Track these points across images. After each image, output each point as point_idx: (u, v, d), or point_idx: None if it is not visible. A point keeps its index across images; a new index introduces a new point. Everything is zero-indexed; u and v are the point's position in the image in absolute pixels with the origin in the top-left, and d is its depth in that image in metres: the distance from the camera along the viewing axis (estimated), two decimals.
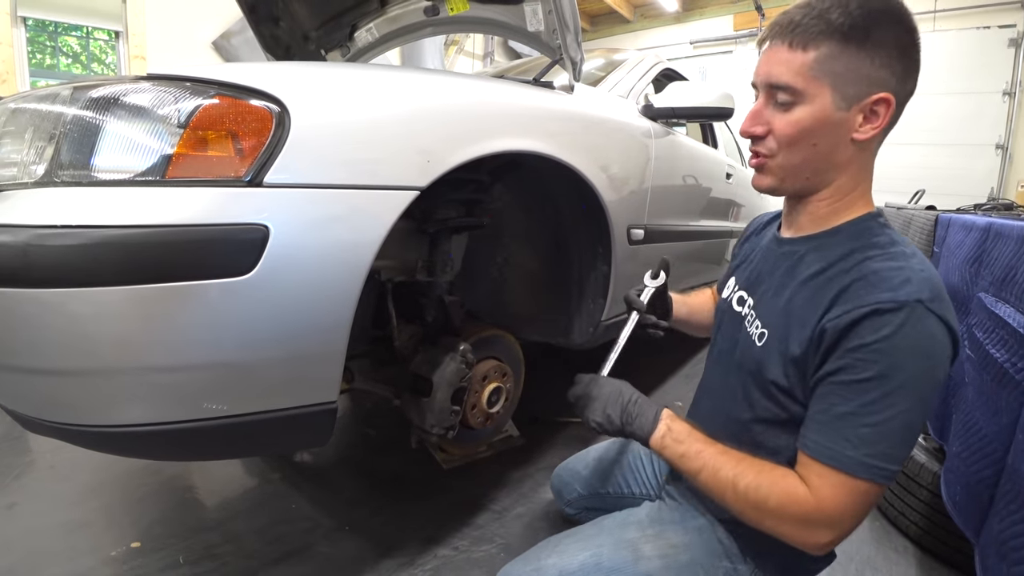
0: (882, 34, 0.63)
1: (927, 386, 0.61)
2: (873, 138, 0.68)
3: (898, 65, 0.64)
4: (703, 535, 0.82)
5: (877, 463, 0.61)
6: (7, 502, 1.32)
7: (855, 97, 0.65)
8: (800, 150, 0.70)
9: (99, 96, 0.69)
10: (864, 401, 0.61)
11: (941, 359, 0.61)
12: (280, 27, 1.90)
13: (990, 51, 4.40)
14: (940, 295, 0.61)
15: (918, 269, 0.63)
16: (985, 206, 2.50)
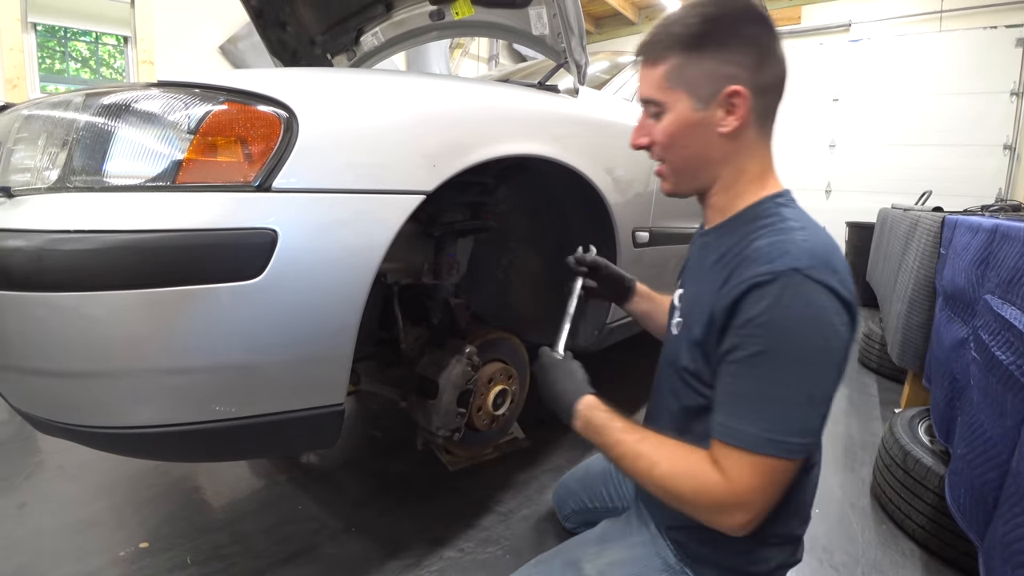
0: (722, 35, 0.68)
1: (819, 354, 0.61)
2: (740, 129, 0.71)
3: (746, 57, 0.68)
4: (645, 549, 0.83)
5: (779, 438, 0.61)
6: (17, 502, 1.33)
7: (709, 96, 0.70)
8: (677, 153, 0.75)
9: (111, 103, 0.70)
10: (756, 376, 0.62)
11: (828, 324, 0.60)
12: (287, 32, 1.91)
13: (997, 51, 4.37)
14: (823, 262, 0.61)
15: (799, 240, 0.64)
16: (992, 207, 2.49)
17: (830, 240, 0.67)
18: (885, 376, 2.60)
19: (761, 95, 0.70)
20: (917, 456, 1.32)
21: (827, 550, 1.26)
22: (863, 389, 2.45)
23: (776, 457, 0.61)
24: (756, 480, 0.62)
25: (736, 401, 0.64)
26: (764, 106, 0.71)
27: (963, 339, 1.25)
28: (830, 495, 1.51)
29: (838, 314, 0.61)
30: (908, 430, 1.46)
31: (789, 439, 0.61)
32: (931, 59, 4.67)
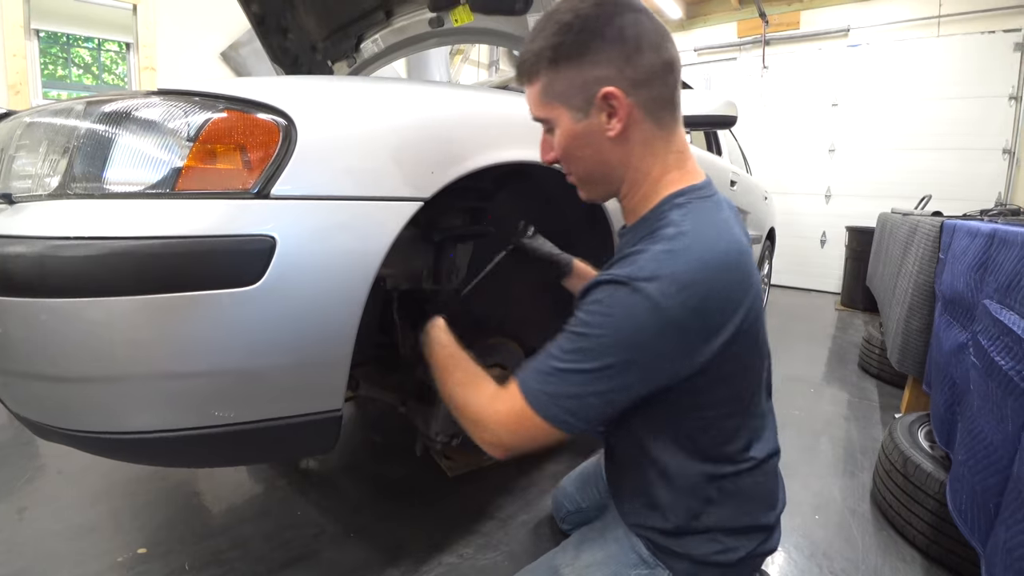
0: (581, 40, 0.67)
1: (613, 355, 0.63)
2: (627, 129, 0.70)
3: (611, 56, 0.67)
4: (620, 545, 0.84)
5: (548, 401, 0.66)
6: (17, 506, 1.33)
7: (586, 104, 0.69)
8: (577, 164, 0.76)
9: (111, 111, 0.71)
10: (559, 344, 0.67)
11: (631, 332, 0.63)
12: (288, 38, 1.93)
13: (996, 55, 4.38)
14: (658, 275, 0.62)
15: (656, 251, 0.65)
16: (991, 212, 2.49)
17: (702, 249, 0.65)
18: (885, 381, 2.59)
19: (640, 89, 0.68)
20: (917, 461, 1.32)
21: (827, 556, 1.26)
22: (863, 394, 2.44)
23: (533, 409, 0.66)
24: (512, 417, 0.68)
25: (543, 354, 0.69)
26: (650, 98, 0.69)
27: (963, 344, 1.25)
28: (830, 500, 1.51)
29: (645, 324, 0.62)
30: (908, 435, 1.46)
31: (556, 409, 0.66)
32: (930, 64, 4.68)
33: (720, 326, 0.65)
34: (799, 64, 5.37)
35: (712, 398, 0.72)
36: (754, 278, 0.70)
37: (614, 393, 0.65)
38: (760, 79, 5.55)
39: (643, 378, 0.66)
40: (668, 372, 0.66)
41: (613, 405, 0.67)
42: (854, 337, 3.49)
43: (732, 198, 2.61)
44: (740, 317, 0.67)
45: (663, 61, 0.69)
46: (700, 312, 0.63)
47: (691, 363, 0.66)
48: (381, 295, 1.20)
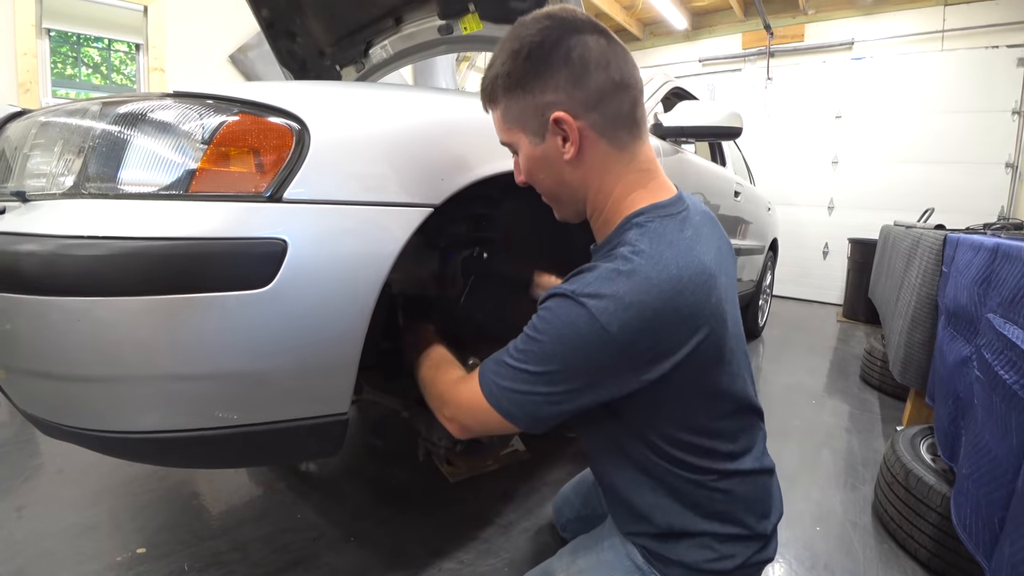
0: (530, 67, 0.68)
1: (555, 362, 0.66)
2: (582, 152, 0.71)
3: (558, 80, 0.68)
4: (615, 552, 0.84)
5: (498, 393, 0.70)
6: (16, 504, 1.33)
7: (541, 128, 0.71)
8: (541, 186, 0.78)
9: (126, 112, 0.71)
10: (520, 344, 0.70)
11: (572, 343, 0.65)
12: (297, 43, 1.94)
13: (999, 70, 4.40)
14: (600, 293, 0.64)
15: (605, 269, 0.66)
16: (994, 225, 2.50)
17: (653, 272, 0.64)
18: (887, 393, 2.59)
19: (591, 111, 0.69)
20: (919, 474, 1.32)
21: (828, 568, 1.26)
22: (865, 406, 2.44)
23: (487, 401, 0.71)
24: (470, 401, 0.74)
25: (504, 348, 0.72)
26: (602, 119, 0.70)
27: (966, 357, 1.25)
28: (831, 513, 1.50)
29: (587, 332, 0.63)
30: (910, 448, 1.46)
31: (505, 399, 0.70)
32: (933, 78, 4.70)
33: (668, 349, 0.65)
34: (803, 76, 5.39)
35: (678, 412, 0.72)
36: (714, 299, 0.68)
37: (558, 397, 0.67)
38: (764, 90, 5.58)
39: (586, 388, 0.67)
40: (612, 386, 0.67)
41: (558, 408, 0.68)
42: (856, 349, 3.49)
43: (736, 209, 2.62)
44: (696, 340, 0.66)
45: (613, 81, 0.69)
46: (643, 333, 0.63)
47: (636, 380, 0.66)
48: (387, 300, 1.20)
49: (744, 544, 0.77)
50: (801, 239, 5.38)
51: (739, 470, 0.76)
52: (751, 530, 0.77)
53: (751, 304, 3.42)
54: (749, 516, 0.78)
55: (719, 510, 0.76)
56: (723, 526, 0.76)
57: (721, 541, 0.76)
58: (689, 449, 0.74)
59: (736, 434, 0.77)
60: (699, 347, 0.67)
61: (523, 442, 1.67)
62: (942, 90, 4.67)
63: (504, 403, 0.70)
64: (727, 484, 0.76)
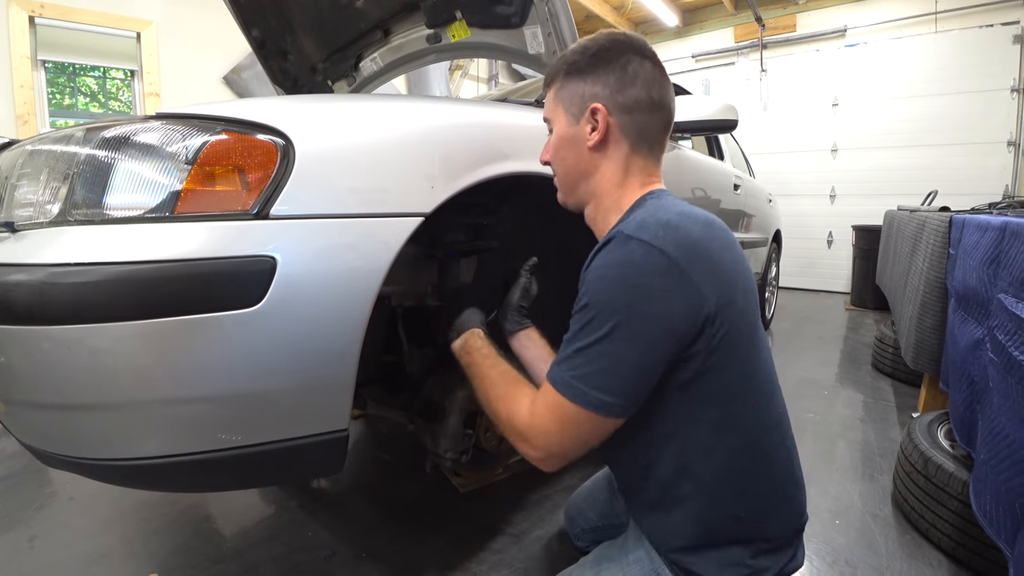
0: (592, 62, 0.79)
1: (620, 310, 0.64)
2: (604, 144, 0.79)
3: (608, 80, 0.78)
4: (641, 567, 0.81)
5: (580, 385, 0.65)
6: (28, 534, 1.33)
7: (579, 113, 0.80)
8: (560, 166, 0.85)
9: (110, 136, 0.71)
10: (575, 327, 0.68)
11: (630, 277, 0.64)
12: (288, 60, 1.95)
13: (995, 49, 4.36)
14: (645, 224, 0.66)
15: (639, 216, 0.70)
16: (1000, 205, 2.46)
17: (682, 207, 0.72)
18: (900, 380, 2.55)
19: (624, 114, 0.78)
20: (938, 462, 1.29)
21: (850, 563, 1.23)
22: (878, 395, 2.40)
23: (573, 402, 0.66)
24: (550, 418, 0.68)
25: (563, 347, 0.70)
26: (631, 124, 0.78)
27: (979, 340, 1.22)
28: (850, 505, 1.47)
29: (648, 268, 0.64)
30: (927, 435, 1.43)
31: (589, 389, 0.65)
32: (929, 60, 4.67)
33: (714, 275, 0.66)
34: (797, 66, 5.37)
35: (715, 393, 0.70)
36: (744, 260, 0.74)
37: (641, 357, 0.65)
38: (759, 83, 5.56)
39: (657, 331, 0.64)
40: (682, 323, 0.65)
41: (644, 372, 0.66)
42: (866, 337, 3.44)
43: (736, 202, 2.60)
44: (737, 279, 0.69)
45: (651, 99, 0.78)
46: (693, 251, 0.65)
47: (700, 311, 0.65)
48: (386, 313, 1.19)
49: (774, 557, 0.75)
50: (804, 229, 5.34)
51: (774, 469, 0.75)
52: (781, 538, 0.76)
53: None
54: (778, 523, 0.76)
55: (751, 516, 0.74)
56: (753, 535, 0.74)
57: (753, 556, 0.74)
58: (729, 448, 0.72)
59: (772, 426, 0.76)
60: (734, 298, 0.68)
61: None
62: (939, 72, 4.63)
63: (592, 394, 0.65)
64: (762, 486, 0.74)
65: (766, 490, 0.75)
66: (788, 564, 0.76)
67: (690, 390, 0.69)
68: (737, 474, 0.72)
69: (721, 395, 0.70)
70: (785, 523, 0.77)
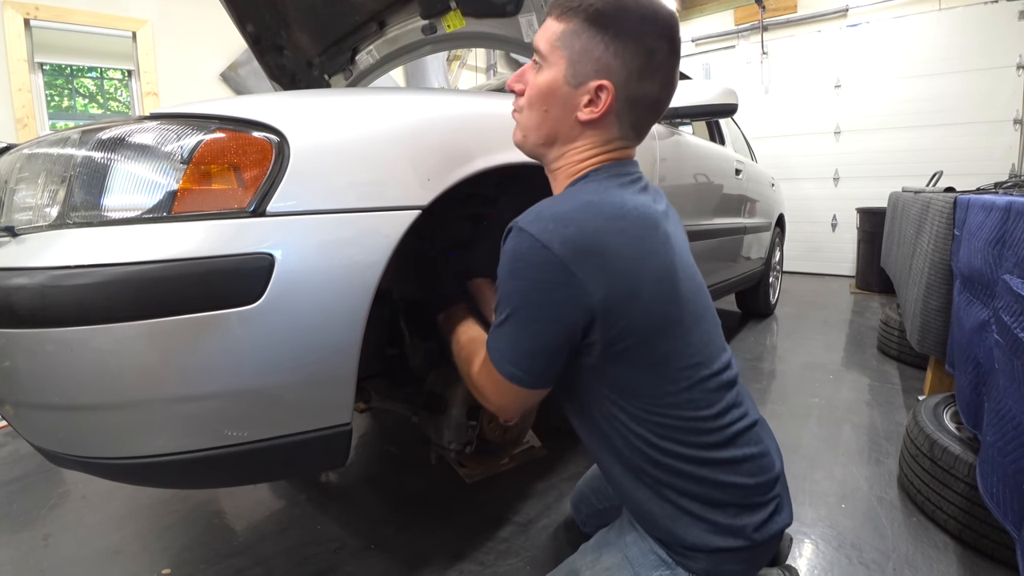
0: (626, 28, 0.69)
1: (515, 299, 0.67)
2: (595, 122, 0.73)
3: (633, 62, 0.69)
4: (639, 547, 0.82)
5: (496, 355, 0.71)
6: (42, 533, 1.35)
7: (583, 77, 0.71)
8: (536, 111, 0.76)
9: (107, 138, 0.71)
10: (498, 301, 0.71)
11: (519, 270, 0.66)
12: (284, 56, 1.94)
13: (1000, 26, 4.29)
14: (539, 216, 0.66)
15: (545, 205, 0.68)
16: (1006, 184, 2.44)
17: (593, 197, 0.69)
18: (906, 363, 2.54)
19: (627, 103, 0.72)
20: (944, 444, 1.28)
21: (855, 547, 1.23)
22: (884, 378, 2.40)
23: (495, 369, 0.71)
24: (486, 377, 0.75)
25: None
26: (630, 113, 0.73)
27: (984, 321, 1.22)
28: (855, 489, 1.48)
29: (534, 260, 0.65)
30: (933, 418, 1.42)
31: (501, 359, 0.70)
32: (933, 39, 4.60)
33: (613, 271, 0.65)
34: (799, 48, 5.31)
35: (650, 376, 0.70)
36: (662, 234, 0.71)
37: (534, 341, 0.68)
38: (760, 65, 5.50)
39: (545, 319, 0.66)
40: (569, 316, 0.66)
41: (541, 355, 0.69)
42: (871, 320, 3.43)
43: (738, 187, 2.58)
44: (649, 267, 0.68)
45: (658, 99, 0.75)
46: (583, 249, 0.64)
47: (587, 306, 0.65)
48: (388, 306, 1.19)
49: (751, 512, 0.74)
50: (808, 213, 5.30)
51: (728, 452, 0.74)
52: (754, 496, 0.75)
53: (761, 282, 3.38)
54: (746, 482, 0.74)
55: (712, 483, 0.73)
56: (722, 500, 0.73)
57: (728, 515, 0.73)
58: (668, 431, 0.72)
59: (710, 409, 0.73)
60: (648, 274, 0.68)
61: (538, 438, 1.66)
62: (942, 51, 4.56)
63: (507, 367, 0.70)
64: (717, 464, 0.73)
65: (714, 459, 0.73)
66: (770, 520, 0.75)
67: (604, 373, 0.72)
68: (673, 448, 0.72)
69: (632, 379, 0.71)
70: (752, 480, 0.75)
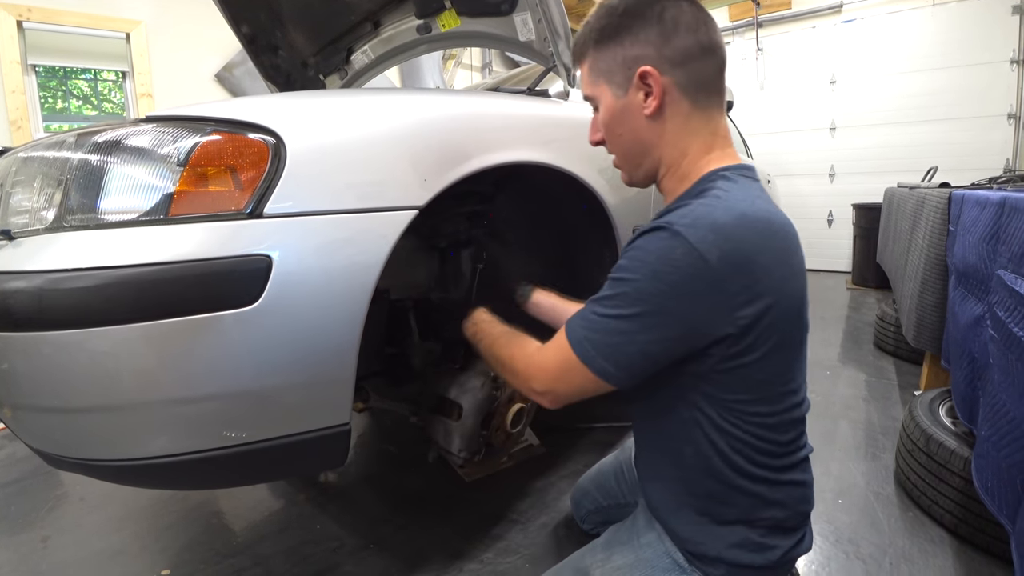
0: (623, 22, 0.72)
1: (648, 301, 0.64)
2: (663, 108, 0.72)
3: (648, 36, 0.70)
4: (653, 550, 0.81)
5: (588, 346, 0.67)
6: (41, 535, 1.35)
7: (624, 82, 0.73)
8: (617, 143, 0.79)
9: (102, 141, 0.71)
10: (605, 292, 0.68)
11: (666, 275, 0.63)
12: (279, 56, 1.93)
13: (994, 21, 4.29)
14: (697, 222, 0.63)
15: (698, 203, 0.66)
16: (1000, 179, 2.45)
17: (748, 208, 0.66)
18: (902, 358, 2.55)
19: (676, 68, 0.71)
20: (940, 439, 1.29)
21: (852, 542, 1.24)
22: (880, 373, 2.41)
23: (579, 357, 0.68)
24: (554, 359, 0.72)
25: (589, 301, 0.71)
26: (686, 78, 0.71)
27: (979, 317, 1.22)
28: (852, 485, 1.49)
29: (680, 265, 0.62)
30: (929, 413, 1.43)
31: (596, 353, 0.67)
32: (927, 34, 4.61)
33: (762, 291, 0.63)
34: (794, 44, 5.31)
35: (748, 386, 0.69)
36: (799, 266, 0.70)
37: (652, 345, 0.65)
38: (755, 62, 5.50)
39: (681, 332, 0.64)
40: (703, 328, 0.64)
41: (650, 358, 0.66)
42: (868, 316, 3.44)
43: None
44: (786, 286, 0.66)
45: (700, 44, 0.71)
46: (738, 266, 0.62)
47: (730, 323, 0.63)
48: (386, 307, 1.19)
49: (784, 537, 0.75)
50: (804, 209, 5.31)
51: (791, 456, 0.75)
52: (790, 520, 0.75)
53: None
54: (788, 506, 0.75)
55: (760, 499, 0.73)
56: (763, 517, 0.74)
57: (761, 535, 0.74)
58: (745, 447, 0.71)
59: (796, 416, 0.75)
60: (787, 294, 0.66)
61: (536, 436, 1.67)
62: (937, 46, 4.57)
63: (599, 359, 0.66)
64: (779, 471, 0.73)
65: (772, 481, 0.74)
66: (797, 546, 0.76)
67: (708, 382, 0.69)
68: (742, 464, 0.72)
69: (731, 391, 0.69)
70: (795, 507, 0.76)
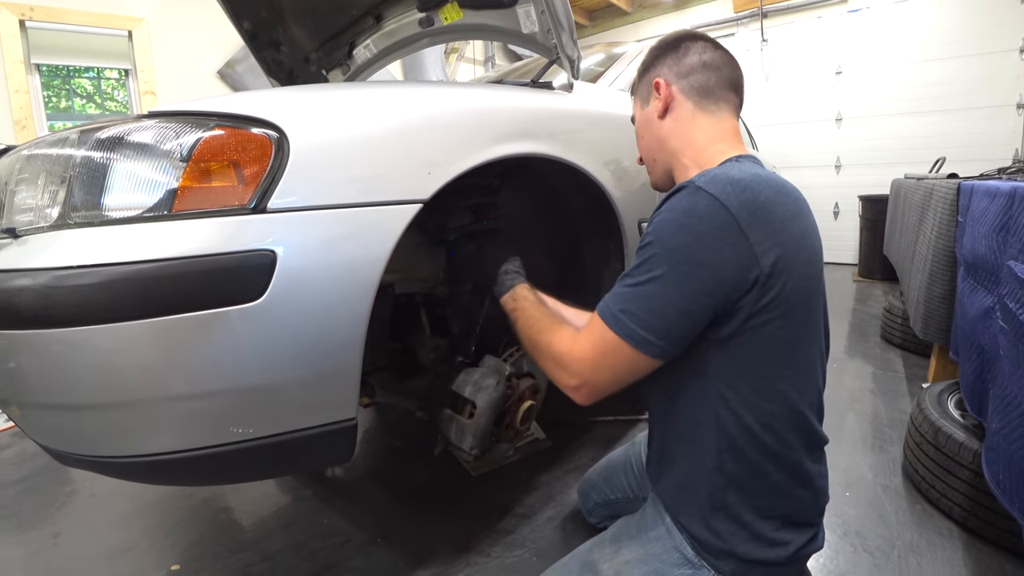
0: (657, 53, 0.91)
1: (678, 255, 0.66)
2: (669, 107, 0.87)
3: (668, 59, 0.89)
4: (662, 543, 0.81)
5: (625, 319, 0.68)
6: (52, 531, 1.36)
7: (647, 95, 0.92)
8: (642, 145, 0.96)
9: (105, 137, 0.71)
10: (634, 264, 0.71)
11: (692, 226, 0.66)
12: (281, 51, 1.93)
13: (1001, 10, 4.23)
14: (715, 179, 0.68)
15: (714, 171, 0.71)
16: (1010, 170, 2.42)
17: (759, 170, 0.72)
18: (910, 351, 2.54)
19: (681, 79, 0.87)
20: (948, 431, 1.28)
21: (860, 535, 1.23)
22: (888, 366, 2.39)
23: (618, 335, 0.69)
24: (591, 345, 0.72)
25: (618, 281, 0.73)
26: (689, 86, 0.86)
27: (989, 308, 1.21)
28: (860, 477, 1.48)
29: (709, 217, 0.66)
30: (937, 405, 1.42)
31: (634, 325, 0.68)
32: (934, 24, 4.55)
33: (779, 240, 0.67)
34: (799, 34, 5.26)
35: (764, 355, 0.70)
36: (812, 229, 0.75)
37: (688, 302, 0.66)
38: (760, 53, 5.45)
39: (708, 279, 0.66)
40: (732, 278, 0.66)
41: (689, 318, 0.67)
42: (874, 308, 3.42)
43: None
44: (789, 253, 0.67)
45: (704, 62, 0.86)
46: (757, 214, 0.66)
47: (752, 267, 0.65)
48: (391, 301, 1.19)
49: (797, 532, 0.75)
50: (810, 201, 5.07)
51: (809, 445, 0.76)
52: (803, 516, 0.76)
53: None
54: (803, 500, 0.76)
55: (776, 490, 0.73)
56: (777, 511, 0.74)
57: (775, 529, 0.74)
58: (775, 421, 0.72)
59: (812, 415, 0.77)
60: (806, 246, 0.70)
61: (543, 430, 1.67)
62: (944, 36, 4.51)
63: (638, 330, 0.67)
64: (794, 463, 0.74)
65: (795, 464, 0.74)
66: (810, 543, 0.76)
67: (729, 347, 0.70)
68: (769, 442, 0.72)
69: (758, 357, 0.70)
70: (812, 499, 0.77)
